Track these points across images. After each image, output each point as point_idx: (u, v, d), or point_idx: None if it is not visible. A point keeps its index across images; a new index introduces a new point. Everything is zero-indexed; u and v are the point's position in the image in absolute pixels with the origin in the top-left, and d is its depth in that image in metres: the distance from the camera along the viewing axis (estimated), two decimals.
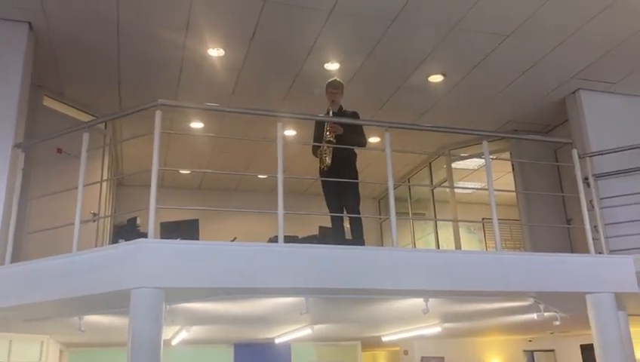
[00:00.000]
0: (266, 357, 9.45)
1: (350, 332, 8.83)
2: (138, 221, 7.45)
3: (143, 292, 3.82)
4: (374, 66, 6.69)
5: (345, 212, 5.78)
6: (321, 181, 5.87)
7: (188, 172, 9.63)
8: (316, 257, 4.37)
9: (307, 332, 7.14)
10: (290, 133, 8.37)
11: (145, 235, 4.12)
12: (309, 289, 4.39)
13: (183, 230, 5.47)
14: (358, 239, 5.70)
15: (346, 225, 5.88)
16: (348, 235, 5.83)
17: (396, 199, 5.16)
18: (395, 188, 4.98)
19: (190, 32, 5.95)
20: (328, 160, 5.71)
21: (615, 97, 7.32)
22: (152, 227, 4.07)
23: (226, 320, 6.27)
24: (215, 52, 6.34)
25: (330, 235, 5.79)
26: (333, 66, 6.69)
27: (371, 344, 10.48)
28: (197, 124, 8.18)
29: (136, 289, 3.82)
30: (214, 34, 6.01)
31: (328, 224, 5.99)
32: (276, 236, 4.47)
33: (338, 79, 6.01)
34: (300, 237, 5.55)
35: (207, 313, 5.50)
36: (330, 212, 5.83)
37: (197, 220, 5.70)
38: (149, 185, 4.12)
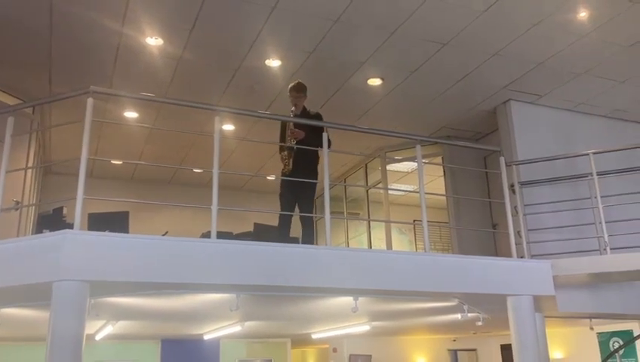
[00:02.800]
0: (194, 354, 9.32)
1: (280, 329, 8.84)
2: (64, 211, 7.14)
3: (66, 285, 3.70)
4: (315, 66, 6.73)
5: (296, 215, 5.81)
6: (281, 181, 5.89)
7: (120, 162, 9.34)
8: (249, 254, 4.36)
9: (237, 328, 7.10)
10: (228, 127, 8.28)
11: (71, 226, 3.98)
12: (241, 286, 4.38)
13: (111, 222, 5.30)
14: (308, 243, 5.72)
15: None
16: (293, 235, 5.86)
17: (332, 198, 5.22)
18: (331, 188, 5.03)
19: (128, 19, 5.77)
20: (290, 165, 5.77)
21: (542, 109, 7.69)
22: (78, 217, 3.94)
23: (153, 316, 6.14)
24: (153, 41, 6.18)
25: (268, 233, 5.78)
26: (274, 63, 6.68)
27: (301, 341, 10.54)
28: (131, 114, 7.95)
29: (59, 282, 3.69)
30: (153, 22, 5.86)
31: (264, 221, 5.98)
32: (209, 231, 4.42)
33: (301, 82, 5.95)
34: (234, 233, 5.51)
35: (134, 308, 5.37)
36: (283, 212, 5.82)
37: (127, 213, 5.54)
38: (77, 174, 3.98)
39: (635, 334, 7.91)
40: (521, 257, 5.86)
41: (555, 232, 6.20)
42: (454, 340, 11.03)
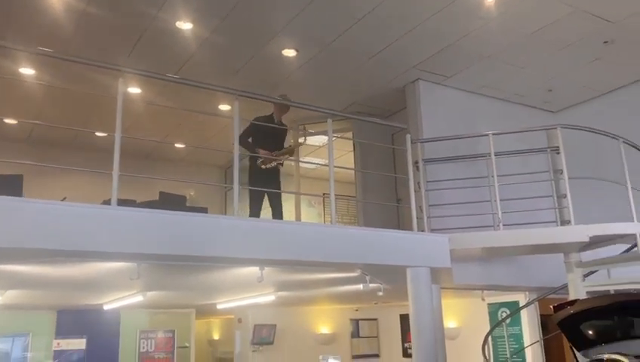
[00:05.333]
0: (93, 325, 9.02)
1: (184, 299, 8.74)
2: None
3: None
4: (228, 32, 6.57)
5: (264, 205, 6.48)
6: (257, 174, 6.45)
7: (14, 122, 8.70)
8: (152, 222, 4.24)
9: (138, 298, 6.93)
10: (134, 90, 7.92)
11: None
12: (142, 254, 4.25)
13: (3, 186, 4.95)
14: None
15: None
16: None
17: (242, 170, 5.16)
18: (241, 159, 4.98)
19: None
20: (272, 164, 6.48)
21: (448, 90, 8.00)
22: None
23: (48, 285, 5.85)
24: None
25: (174, 202, 5.65)
26: (185, 26, 6.44)
27: (206, 312, 10.48)
28: (27, 70, 7.39)
29: None
30: None
31: (169, 190, 5.83)
32: (110, 198, 4.24)
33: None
34: (138, 201, 5.32)
35: (26, 276, 5.09)
36: (254, 201, 6.41)
37: (21, 176, 5.19)
38: None
39: (521, 304, 8.54)
40: (422, 231, 6.11)
41: (454, 208, 6.51)
42: (357, 310, 11.40)
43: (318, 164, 6.62)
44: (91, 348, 9.04)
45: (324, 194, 10.08)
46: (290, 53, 7.13)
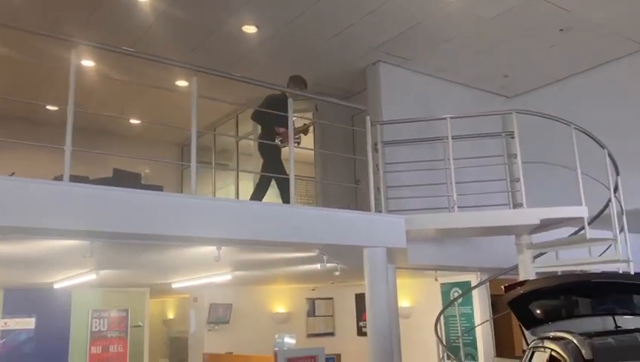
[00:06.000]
0: (42, 304, 8.80)
1: (139, 278, 8.61)
2: None
3: None
4: (188, 5, 6.39)
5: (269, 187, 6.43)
6: (276, 151, 6.49)
7: None
8: (106, 199, 4.13)
9: (91, 277, 6.78)
10: (88, 63, 7.65)
11: None
12: (95, 232, 4.15)
13: None
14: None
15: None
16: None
17: (200, 148, 5.08)
18: (199, 137, 4.90)
19: None
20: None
21: (408, 73, 8.03)
22: None
23: None
24: None
25: (129, 179, 5.53)
26: None
27: (161, 291, 10.37)
28: None
29: None
30: None
31: (124, 167, 5.70)
32: (62, 175, 4.11)
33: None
34: (91, 178, 5.17)
35: None
36: (266, 183, 6.43)
37: None
38: None
39: (473, 285, 8.78)
40: (379, 212, 6.17)
41: (411, 190, 6.60)
42: (313, 289, 11.50)
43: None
44: (40, 328, 8.84)
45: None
46: (250, 29, 7.00)
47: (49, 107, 8.05)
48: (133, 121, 9.80)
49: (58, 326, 9.03)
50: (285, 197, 6.15)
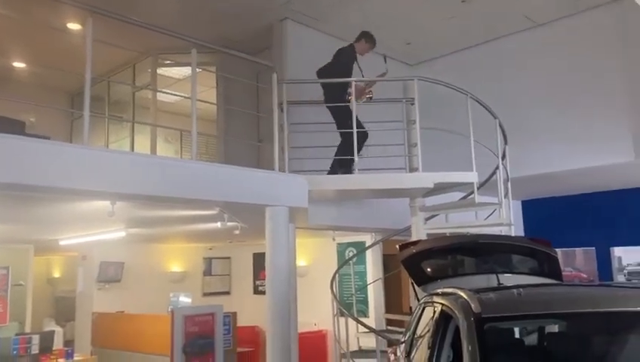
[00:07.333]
0: None
1: (22, 233, 8.04)
2: None
3: None
4: None
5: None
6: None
7: None
8: None
9: None
10: None
11: None
12: None
13: None
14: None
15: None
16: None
17: (93, 98, 4.76)
18: (94, 85, 4.57)
19: None
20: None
21: (316, 33, 7.95)
22: None
23: None
24: None
25: (10, 126, 5.07)
26: None
27: (46, 248, 9.77)
28: None
29: None
30: None
31: (4, 113, 5.23)
32: None
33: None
34: None
35: None
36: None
37: None
38: None
39: (367, 245, 9.10)
40: (282, 172, 6.16)
41: (314, 151, 6.63)
42: (210, 249, 11.39)
43: (180, 95, 6.29)
44: None
45: (182, 131, 9.70)
46: None
47: None
48: (17, 64, 8.98)
49: None
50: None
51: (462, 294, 3.08)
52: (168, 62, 9.03)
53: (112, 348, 8.14)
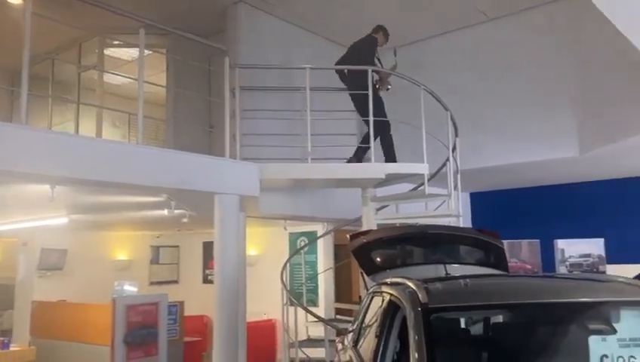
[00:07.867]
0: None
1: None
2: None
3: None
4: None
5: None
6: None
7: None
8: None
9: None
10: None
11: None
12: None
13: None
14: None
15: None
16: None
17: (35, 77, 4.52)
18: (36, 63, 4.34)
19: None
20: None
21: (271, 18, 7.81)
22: None
23: None
24: None
25: None
26: None
27: None
28: None
29: None
30: None
31: None
32: None
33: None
34: None
35: None
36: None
37: None
38: None
39: (319, 234, 9.09)
40: (233, 159, 6.04)
41: (267, 139, 6.52)
42: (158, 237, 11.14)
43: (128, 77, 6.06)
44: None
45: (130, 114, 9.38)
46: None
47: None
48: None
49: None
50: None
51: (410, 284, 3.07)
52: (117, 42, 8.70)
53: (52, 338, 7.83)
